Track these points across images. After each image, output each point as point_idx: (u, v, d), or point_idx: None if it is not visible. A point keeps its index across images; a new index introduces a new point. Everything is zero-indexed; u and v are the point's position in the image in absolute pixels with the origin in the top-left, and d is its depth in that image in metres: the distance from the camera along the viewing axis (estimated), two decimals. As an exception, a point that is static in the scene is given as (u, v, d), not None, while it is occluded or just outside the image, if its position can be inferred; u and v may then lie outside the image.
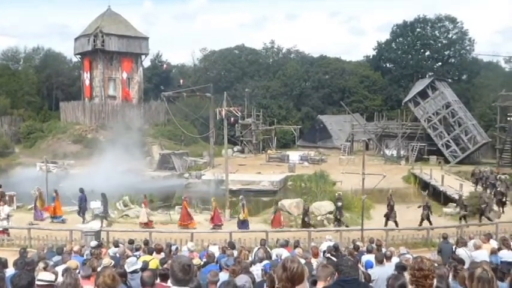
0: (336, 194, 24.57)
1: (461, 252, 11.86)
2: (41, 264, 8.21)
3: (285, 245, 13.44)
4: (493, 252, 11.61)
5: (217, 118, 38.36)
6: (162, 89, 65.74)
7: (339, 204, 23.02)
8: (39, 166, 39.19)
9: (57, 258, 11.01)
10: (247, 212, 22.98)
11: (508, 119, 44.36)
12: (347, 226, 22.09)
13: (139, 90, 61.31)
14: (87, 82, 59.33)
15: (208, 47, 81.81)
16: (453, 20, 73.94)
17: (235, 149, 57.30)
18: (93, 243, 14.18)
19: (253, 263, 10.67)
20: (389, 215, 22.56)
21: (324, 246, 13.65)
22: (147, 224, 22.60)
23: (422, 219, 22.46)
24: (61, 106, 60.94)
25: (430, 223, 22.07)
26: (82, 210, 23.57)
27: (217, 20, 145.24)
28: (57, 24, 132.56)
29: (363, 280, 7.71)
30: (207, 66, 77.72)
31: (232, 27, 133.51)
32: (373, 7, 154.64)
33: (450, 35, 74.38)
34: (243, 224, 22.21)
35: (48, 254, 11.76)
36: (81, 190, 24.06)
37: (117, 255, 12.06)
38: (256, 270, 9.81)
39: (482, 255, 11.22)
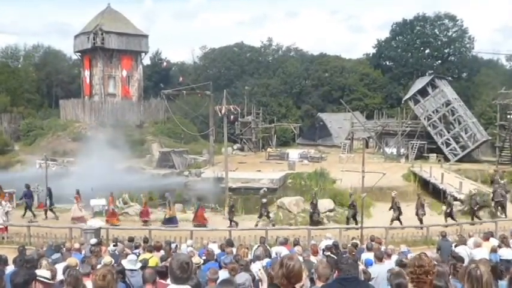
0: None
1: (460, 250, 11.87)
2: (44, 261, 8.21)
3: (285, 243, 13.46)
4: (493, 250, 11.62)
5: (217, 116, 38.39)
6: (161, 86, 65.65)
7: (264, 200, 23.03)
8: (38, 164, 39.18)
9: (56, 255, 11.01)
10: (174, 210, 22.86)
11: (508, 117, 44.29)
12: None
13: (139, 88, 61.24)
14: (87, 80, 59.28)
15: (208, 45, 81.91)
16: (453, 18, 73.94)
17: (235, 147, 57.30)
18: (93, 240, 14.21)
19: (252, 261, 10.68)
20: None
21: (323, 244, 13.66)
22: (80, 219, 22.61)
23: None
24: (61, 104, 60.85)
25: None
26: (28, 206, 23.53)
27: (217, 18, 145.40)
28: (57, 22, 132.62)
29: (363, 278, 7.72)
30: (206, 64, 77.72)
31: (232, 25, 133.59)
32: (373, 5, 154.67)
33: (450, 33, 74.36)
34: (170, 221, 22.08)
35: (47, 252, 11.76)
36: (27, 186, 23.99)
37: (117, 252, 12.08)
38: (256, 268, 9.81)
39: (482, 253, 11.22)
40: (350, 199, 23.39)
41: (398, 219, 22.52)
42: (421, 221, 22.26)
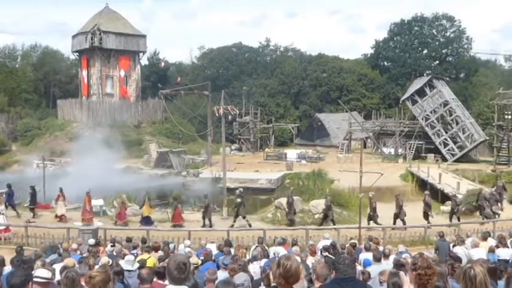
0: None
1: (458, 250, 11.88)
2: (39, 262, 8.20)
3: (283, 243, 13.46)
4: (491, 250, 11.63)
5: (215, 116, 38.33)
6: (159, 86, 65.59)
7: (238, 200, 22.98)
8: (36, 164, 39.09)
9: (53, 256, 10.99)
10: (149, 208, 22.82)
11: (506, 117, 44.36)
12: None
13: (136, 88, 61.20)
14: (84, 80, 59.22)
15: (206, 45, 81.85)
16: (451, 19, 74.03)
17: (233, 147, 57.28)
18: (91, 241, 14.20)
19: (250, 261, 10.67)
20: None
21: (321, 245, 13.66)
22: (61, 217, 22.80)
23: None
24: (58, 104, 60.73)
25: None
26: (12, 206, 23.55)
27: (216, 18, 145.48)
28: (55, 22, 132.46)
29: (361, 278, 7.71)
30: (204, 64, 77.66)
31: (231, 26, 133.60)
32: (372, 5, 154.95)
33: (448, 34, 74.45)
34: (146, 220, 22.03)
35: (46, 252, 11.74)
36: (8, 185, 24.00)
37: (114, 253, 12.07)
38: (254, 268, 9.82)
39: (480, 253, 11.24)
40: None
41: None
42: (403, 221, 22.25)
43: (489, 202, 23.94)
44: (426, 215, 23.24)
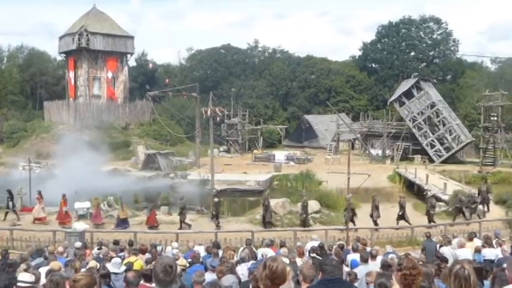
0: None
1: (445, 250, 11.96)
2: (23, 266, 8.10)
3: (271, 244, 13.43)
4: (477, 250, 11.72)
5: (203, 118, 38.26)
6: (147, 88, 65.46)
7: (215, 200, 22.97)
8: (22, 166, 38.71)
9: (39, 259, 10.87)
10: (124, 211, 22.80)
11: (492, 118, 44.81)
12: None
13: (124, 89, 60.92)
14: (71, 81, 58.85)
15: (194, 47, 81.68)
16: (438, 21, 74.65)
17: (221, 148, 57.19)
18: (77, 244, 14.06)
19: (238, 262, 10.64)
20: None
21: (309, 246, 13.66)
22: (41, 219, 22.62)
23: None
24: (45, 105, 60.30)
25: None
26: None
27: (205, 19, 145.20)
28: (41, 23, 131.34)
29: (348, 279, 7.72)
30: (193, 66, 77.47)
31: (220, 27, 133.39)
32: (361, 7, 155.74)
33: (435, 36, 75.05)
34: (122, 223, 22.04)
35: (32, 256, 11.60)
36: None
37: (101, 256, 11.96)
38: (242, 270, 9.78)
39: (466, 253, 11.32)
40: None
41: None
42: (375, 222, 22.30)
43: (464, 203, 23.97)
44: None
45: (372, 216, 22.59)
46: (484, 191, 25.51)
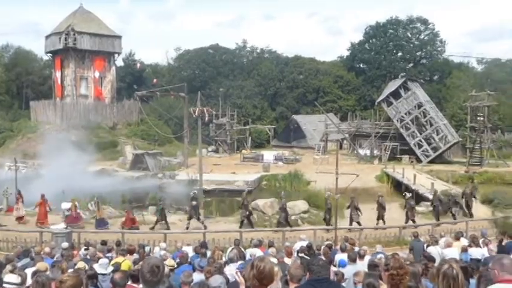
0: (191, 193, 24.03)
1: (432, 250, 12.04)
2: (9, 267, 8.01)
3: (259, 244, 13.43)
4: (463, 250, 11.82)
5: (192, 118, 38.16)
6: (135, 88, 65.05)
7: (194, 203, 22.88)
8: (8, 166, 38.29)
9: (25, 260, 10.77)
10: (102, 211, 22.82)
11: (478, 119, 45.19)
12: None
13: (112, 89, 60.56)
14: (58, 81, 58.39)
15: (183, 47, 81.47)
16: (425, 22, 75.23)
17: (210, 148, 57.08)
18: (64, 244, 13.95)
19: (226, 263, 10.62)
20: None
21: (297, 246, 13.67)
22: (21, 218, 22.71)
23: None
24: (31, 105, 59.76)
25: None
26: None
27: (193, 19, 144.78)
28: (27, 22, 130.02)
29: (335, 279, 7.74)
30: (181, 66, 77.26)
31: (208, 27, 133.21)
32: (351, 8, 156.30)
33: (422, 37, 75.64)
34: (100, 223, 22.06)
35: (18, 257, 11.49)
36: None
37: (88, 256, 11.88)
38: (230, 270, 9.77)
39: (453, 252, 11.41)
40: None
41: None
42: (351, 222, 22.38)
43: (441, 203, 24.01)
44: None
45: (351, 217, 22.69)
46: (468, 194, 25.43)
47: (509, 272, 4.40)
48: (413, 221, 22.79)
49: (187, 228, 21.96)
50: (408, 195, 24.36)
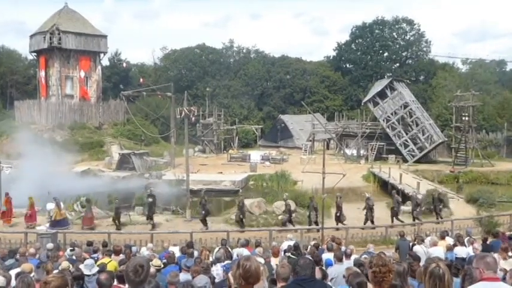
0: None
1: (418, 249, 12.13)
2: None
3: (246, 244, 13.43)
4: (449, 249, 11.92)
5: (178, 117, 37.98)
6: (121, 88, 64.62)
7: (149, 200, 23.09)
8: (-7, 167, 37.81)
9: (10, 261, 10.65)
10: (62, 211, 22.66)
11: (463, 119, 45.58)
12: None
13: (97, 89, 60.11)
14: (42, 80, 57.80)
15: (169, 46, 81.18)
16: (410, 22, 75.81)
17: (197, 148, 56.94)
18: (50, 245, 13.81)
19: (213, 263, 10.62)
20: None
21: (284, 246, 13.70)
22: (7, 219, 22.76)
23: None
24: (16, 105, 59.10)
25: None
26: None
27: (180, 19, 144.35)
28: (12, 21, 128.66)
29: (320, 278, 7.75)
30: (167, 65, 76.97)
31: (195, 27, 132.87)
32: (337, 8, 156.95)
33: (408, 37, 76.21)
34: (58, 223, 21.90)
35: (3, 258, 11.36)
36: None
37: (74, 257, 11.80)
38: (217, 270, 9.76)
39: (438, 251, 11.51)
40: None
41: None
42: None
43: (399, 206, 23.99)
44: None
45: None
46: (437, 199, 25.46)
47: (494, 270, 4.45)
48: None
49: (153, 227, 21.92)
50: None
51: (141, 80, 59.87)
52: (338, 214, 22.92)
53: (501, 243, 11.60)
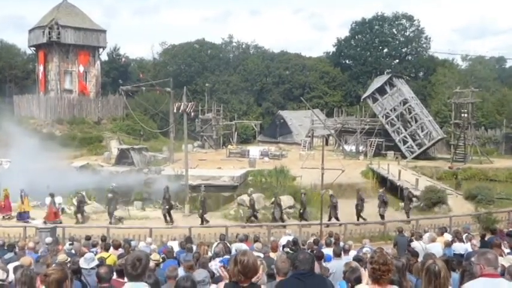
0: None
1: (416, 245, 12.14)
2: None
3: (245, 239, 13.46)
4: (447, 245, 11.94)
5: (177, 113, 37.85)
6: (120, 83, 64.61)
7: (109, 195, 23.16)
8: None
9: (9, 255, 10.67)
10: (27, 204, 22.80)
11: (462, 115, 45.57)
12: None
13: (96, 83, 60.05)
14: (42, 75, 57.70)
15: (168, 41, 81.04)
16: (410, 18, 75.71)
17: (196, 144, 56.93)
18: (48, 239, 13.84)
19: (212, 257, 10.64)
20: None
21: (283, 241, 13.73)
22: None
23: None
24: (14, 100, 59.04)
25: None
26: None
27: (179, 14, 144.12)
28: (10, 15, 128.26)
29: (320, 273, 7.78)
30: (166, 61, 76.84)
31: (195, 23, 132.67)
32: (337, 4, 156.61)
33: (407, 33, 76.11)
34: (21, 216, 22.18)
35: (0, 252, 11.38)
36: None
37: (73, 251, 11.82)
38: (215, 265, 9.78)
39: (436, 247, 11.53)
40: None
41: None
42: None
43: (362, 202, 23.86)
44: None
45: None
46: (406, 197, 24.93)
47: (494, 267, 4.47)
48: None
49: (110, 223, 21.80)
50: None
51: (141, 75, 59.77)
52: (302, 211, 22.99)
53: (499, 239, 11.61)
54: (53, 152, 41.12)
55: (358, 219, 22.70)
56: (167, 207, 22.69)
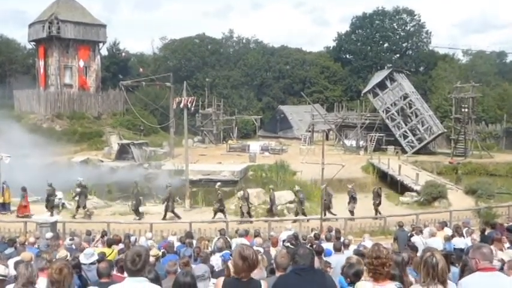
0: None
1: (416, 239, 12.17)
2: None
3: (245, 234, 13.49)
4: (447, 239, 11.96)
5: (178, 108, 37.83)
6: (120, 77, 64.41)
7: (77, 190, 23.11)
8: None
9: (9, 250, 10.69)
10: (8, 196, 23.19)
11: (463, 110, 45.53)
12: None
13: (96, 78, 59.98)
14: (42, 70, 57.62)
15: (168, 36, 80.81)
16: (411, 13, 75.48)
17: (196, 139, 56.95)
18: (49, 234, 13.86)
19: (213, 252, 10.67)
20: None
21: (283, 236, 13.75)
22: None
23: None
24: (15, 94, 58.98)
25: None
26: None
27: (179, 8, 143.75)
28: (10, 10, 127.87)
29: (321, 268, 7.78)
30: (166, 55, 76.66)
31: (195, 17, 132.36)
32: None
33: (408, 28, 75.91)
34: (3, 207, 22.69)
35: (0, 247, 11.40)
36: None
37: (73, 246, 11.84)
38: (216, 259, 9.82)
39: (436, 242, 11.55)
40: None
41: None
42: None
43: (330, 197, 23.64)
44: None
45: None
46: (375, 193, 24.63)
47: (489, 261, 4.49)
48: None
49: (73, 217, 21.85)
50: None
51: (141, 69, 59.65)
52: (270, 206, 23.03)
53: (499, 234, 11.62)
54: (53, 147, 41.18)
55: (325, 215, 21.55)
56: (134, 202, 22.68)
